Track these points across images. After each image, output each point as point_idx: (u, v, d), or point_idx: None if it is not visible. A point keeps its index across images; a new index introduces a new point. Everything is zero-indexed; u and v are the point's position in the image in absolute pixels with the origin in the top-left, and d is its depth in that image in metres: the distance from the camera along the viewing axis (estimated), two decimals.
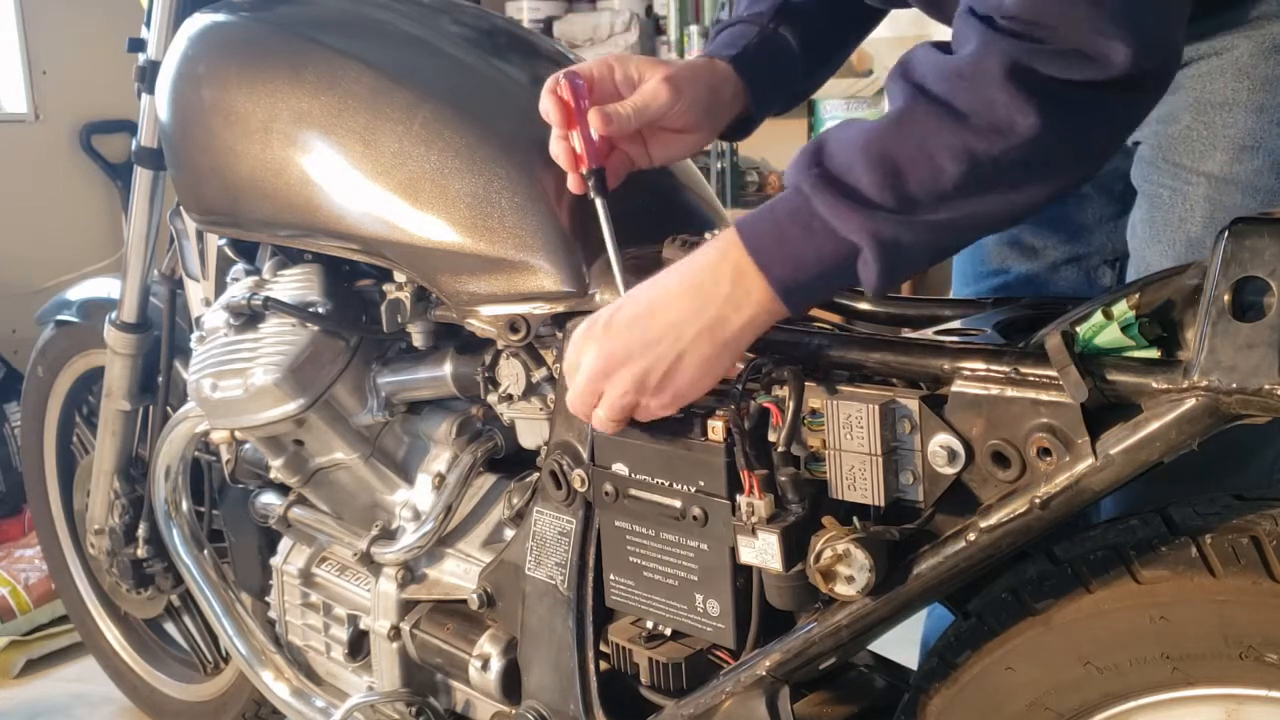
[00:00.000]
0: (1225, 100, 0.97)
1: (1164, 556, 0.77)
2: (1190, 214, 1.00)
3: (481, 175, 1.11)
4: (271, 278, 1.34)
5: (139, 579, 1.81)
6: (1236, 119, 0.97)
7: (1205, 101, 0.98)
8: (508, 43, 1.25)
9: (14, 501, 2.77)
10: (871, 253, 0.80)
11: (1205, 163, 0.99)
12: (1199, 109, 0.99)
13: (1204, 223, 0.99)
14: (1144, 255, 1.05)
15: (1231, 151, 0.97)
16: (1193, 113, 0.99)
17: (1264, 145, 0.96)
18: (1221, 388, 0.70)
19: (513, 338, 1.10)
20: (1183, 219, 1.01)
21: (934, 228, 0.81)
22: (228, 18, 1.32)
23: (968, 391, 0.82)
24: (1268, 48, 0.95)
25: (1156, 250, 1.03)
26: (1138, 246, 1.07)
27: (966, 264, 1.29)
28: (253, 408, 1.29)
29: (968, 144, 0.77)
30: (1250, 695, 0.76)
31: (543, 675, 1.10)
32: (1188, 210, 1.00)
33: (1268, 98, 0.96)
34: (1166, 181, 1.02)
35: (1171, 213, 1.02)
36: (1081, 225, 1.20)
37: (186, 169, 1.36)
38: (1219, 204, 0.98)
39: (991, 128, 0.76)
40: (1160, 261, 1.03)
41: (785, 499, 0.90)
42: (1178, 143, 1.01)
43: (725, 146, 3.27)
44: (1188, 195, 1.00)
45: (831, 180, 0.81)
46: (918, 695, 0.92)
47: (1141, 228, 1.06)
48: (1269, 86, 0.96)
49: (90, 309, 1.87)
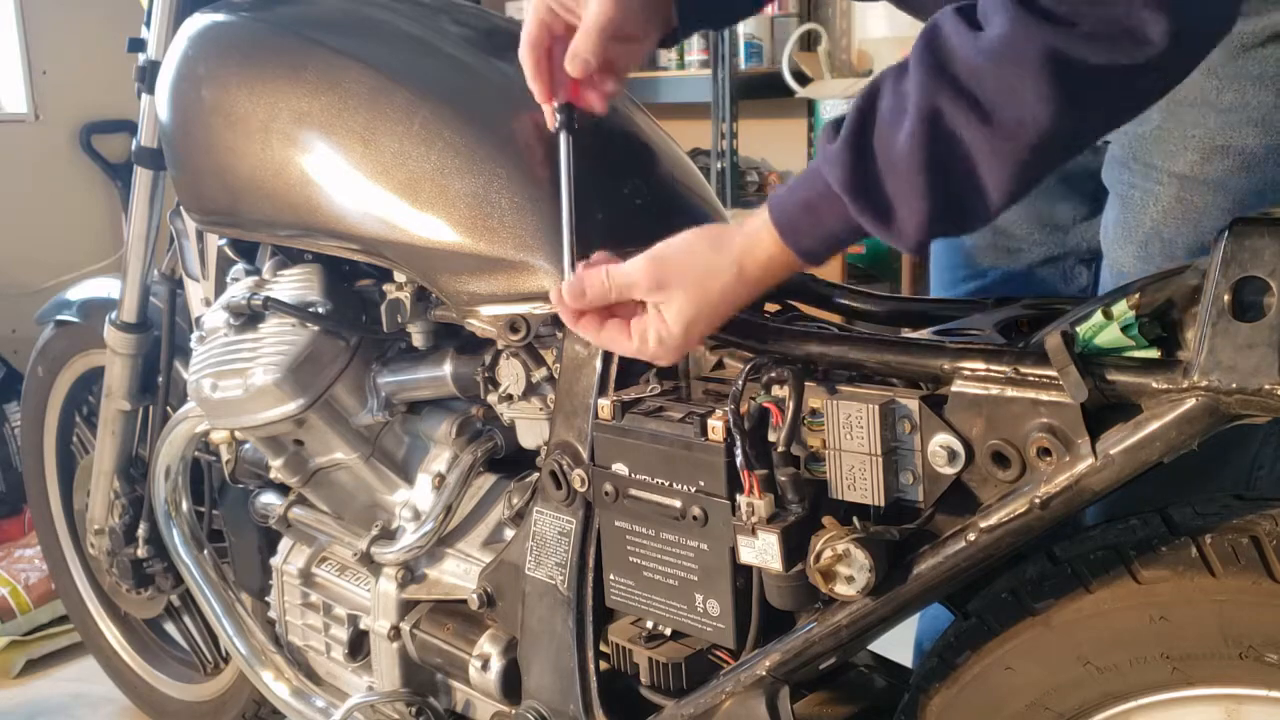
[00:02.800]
0: (1195, 100, 0.96)
1: (1164, 556, 0.77)
2: (1162, 215, 1.00)
3: (481, 175, 1.11)
4: (271, 278, 1.34)
5: (139, 579, 1.81)
6: (1206, 118, 0.96)
7: (1175, 100, 0.97)
8: (508, 43, 1.25)
9: (14, 501, 2.77)
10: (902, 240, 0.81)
11: (1176, 163, 0.98)
12: (1169, 108, 0.98)
13: (1176, 224, 0.99)
14: (1117, 256, 1.05)
15: (1202, 151, 0.97)
16: (1163, 112, 0.98)
17: (1234, 145, 0.96)
18: (1221, 388, 0.70)
19: (513, 338, 1.10)
20: (1155, 220, 1.00)
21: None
22: (228, 18, 1.32)
23: (968, 391, 0.82)
24: (1236, 47, 0.94)
25: (1129, 251, 1.03)
26: (1110, 247, 1.06)
27: (944, 268, 1.29)
28: (253, 408, 1.29)
29: (991, 142, 0.75)
30: (1250, 695, 0.76)
31: (543, 675, 1.11)
32: (1160, 211, 1.00)
33: (1236, 97, 0.95)
34: (1138, 182, 1.02)
35: (1144, 214, 1.01)
36: (1056, 225, 1.20)
37: (186, 169, 1.36)
38: (1190, 204, 0.98)
39: (1016, 121, 0.74)
40: (1133, 262, 1.03)
41: (785, 499, 0.90)
42: (1149, 143, 1.00)
43: (725, 146, 3.27)
44: (1159, 196, 1.00)
45: (865, 197, 0.81)
46: (918, 695, 0.92)
47: (1114, 229, 1.05)
48: (1238, 86, 0.95)
49: (90, 309, 1.87)
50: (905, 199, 0.79)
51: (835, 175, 0.82)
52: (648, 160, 1.18)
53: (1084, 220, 1.19)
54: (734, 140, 3.31)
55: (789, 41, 3.31)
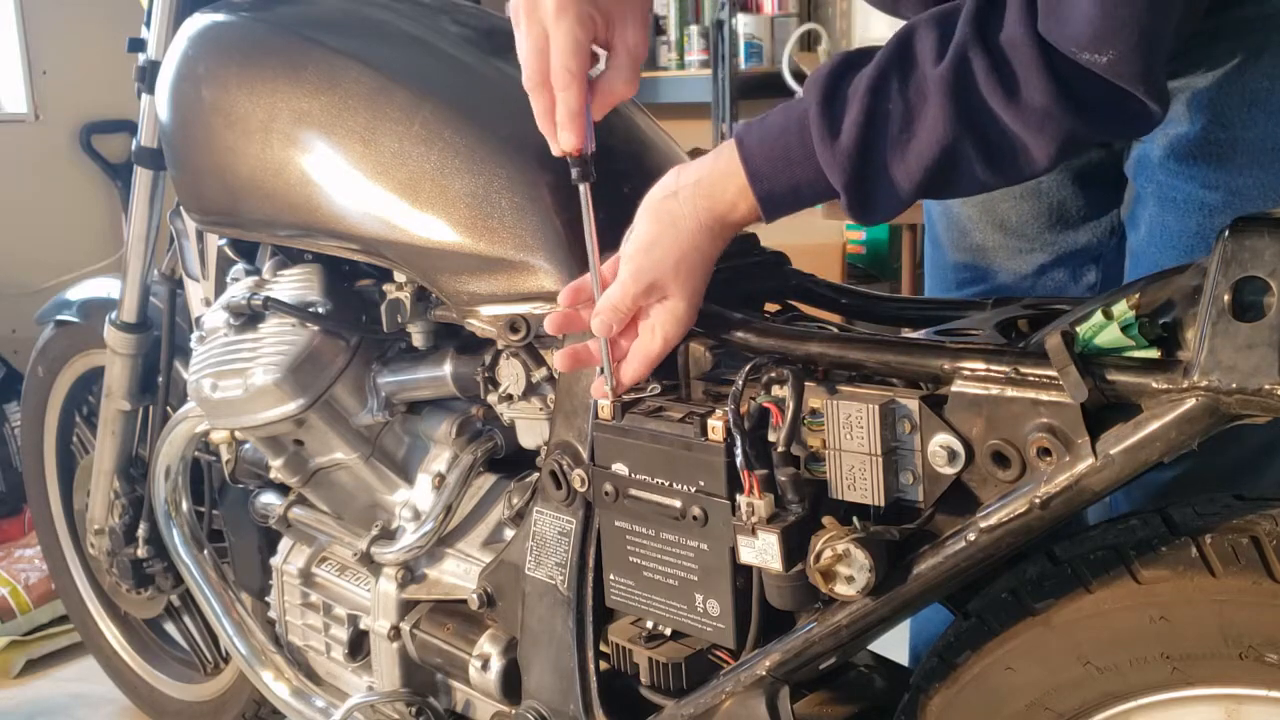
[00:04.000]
0: (1251, 99, 0.96)
1: (1164, 556, 0.77)
2: (1208, 221, 0.99)
3: (481, 175, 1.11)
4: (271, 278, 1.34)
5: (139, 579, 1.81)
6: (1261, 120, 0.96)
7: (1226, 101, 0.97)
8: (508, 43, 1.25)
9: (14, 501, 2.77)
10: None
11: (1227, 166, 0.98)
12: (1218, 109, 0.97)
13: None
14: (1156, 259, 1.03)
15: (1254, 155, 0.96)
16: (1211, 111, 0.98)
17: None
18: (1221, 388, 0.70)
19: (513, 338, 1.10)
20: (1201, 226, 1.00)
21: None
22: (228, 18, 1.32)
23: (968, 391, 0.82)
24: None
25: (1171, 256, 1.02)
26: (1146, 247, 1.06)
27: (948, 268, 1.28)
28: (253, 408, 1.29)
29: (979, 171, 0.82)
30: (1250, 695, 0.76)
31: (543, 675, 1.11)
32: (1205, 217, 1.00)
33: None
34: (1181, 185, 1.01)
35: (1188, 220, 1.01)
36: (1067, 224, 1.20)
37: (186, 169, 1.36)
38: (1242, 211, 0.97)
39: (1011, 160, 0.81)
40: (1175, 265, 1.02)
41: (785, 499, 0.90)
42: (1195, 144, 0.99)
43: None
44: (1205, 202, 0.99)
45: (862, 203, 0.86)
46: (918, 695, 0.92)
47: (1149, 231, 1.05)
48: None
49: (90, 309, 1.87)
50: (894, 205, 0.86)
51: (837, 177, 0.85)
52: (648, 160, 1.18)
53: (1094, 219, 1.18)
54: None
55: (789, 41, 3.31)
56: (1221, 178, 0.98)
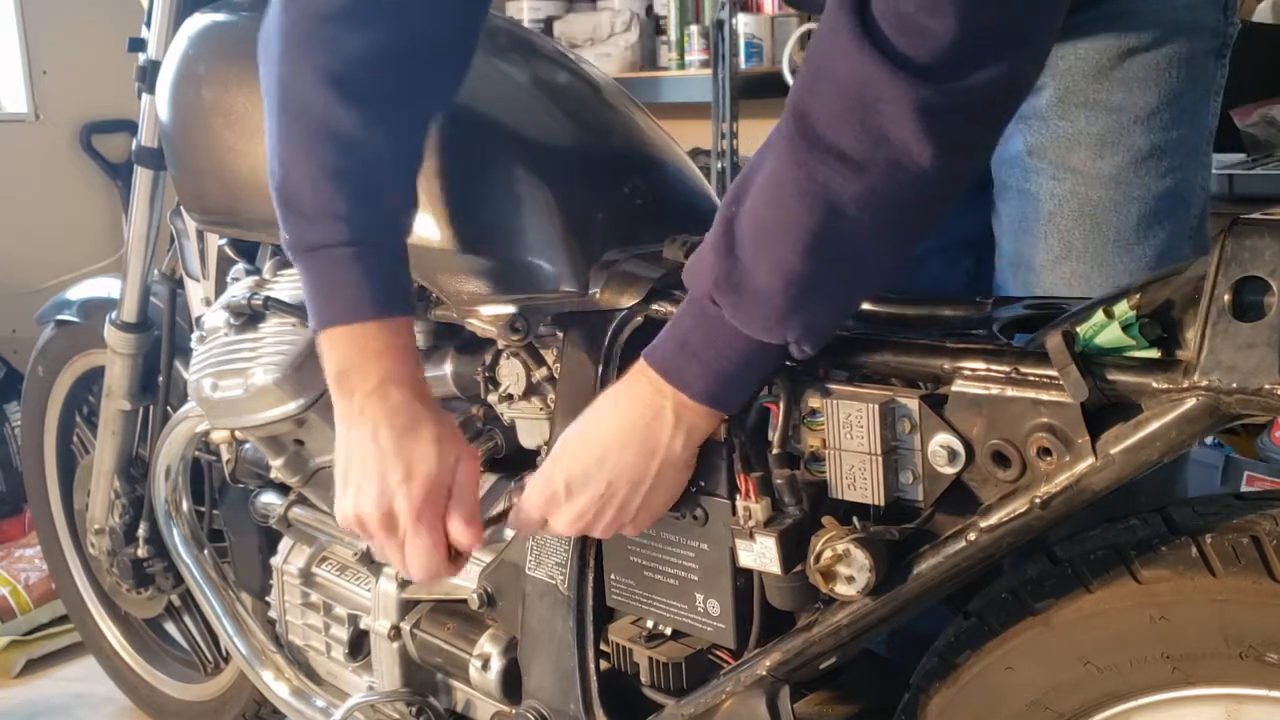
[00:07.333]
0: (1088, 100, 1.04)
1: (1164, 556, 0.77)
2: (1059, 209, 1.07)
3: (482, 175, 1.11)
4: (271, 278, 1.34)
5: (139, 579, 1.81)
6: (1098, 117, 1.04)
7: (1070, 102, 1.05)
8: (508, 43, 1.25)
9: (14, 501, 2.77)
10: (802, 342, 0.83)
11: (1072, 159, 1.06)
12: (1064, 109, 1.05)
13: (1073, 217, 1.06)
14: (1015, 248, 1.11)
15: (1095, 149, 1.05)
16: (1058, 111, 1.06)
17: (1122, 142, 1.04)
18: (1222, 388, 0.70)
19: (513, 337, 1.10)
20: (1052, 213, 1.07)
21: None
22: (228, 18, 1.32)
23: (968, 391, 0.82)
24: (1124, 51, 1.03)
25: (1027, 242, 1.10)
26: (1006, 238, 1.12)
27: None
28: (253, 407, 1.29)
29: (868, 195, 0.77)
30: (1250, 695, 0.76)
31: (543, 675, 1.10)
32: (1056, 205, 1.07)
33: (1124, 98, 1.04)
34: (1034, 177, 1.08)
35: (1042, 207, 1.08)
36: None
37: (187, 169, 1.36)
38: (1086, 198, 1.06)
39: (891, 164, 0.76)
40: (1033, 254, 1.09)
41: (782, 501, 0.90)
42: (1046, 140, 1.07)
43: (725, 146, 3.27)
44: (1055, 191, 1.07)
45: (739, 291, 0.82)
46: (918, 695, 0.92)
47: (1010, 221, 1.11)
48: (1125, 88, 1.04)
49: (90, 309, 1.87)
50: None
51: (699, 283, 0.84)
52: (648, 160, 1.18)
53: (966, 210, 1.20)
54: (734, 140, 3.31)
55: (789, 41, 3.31)
56: (1066, 170, 1.07)
